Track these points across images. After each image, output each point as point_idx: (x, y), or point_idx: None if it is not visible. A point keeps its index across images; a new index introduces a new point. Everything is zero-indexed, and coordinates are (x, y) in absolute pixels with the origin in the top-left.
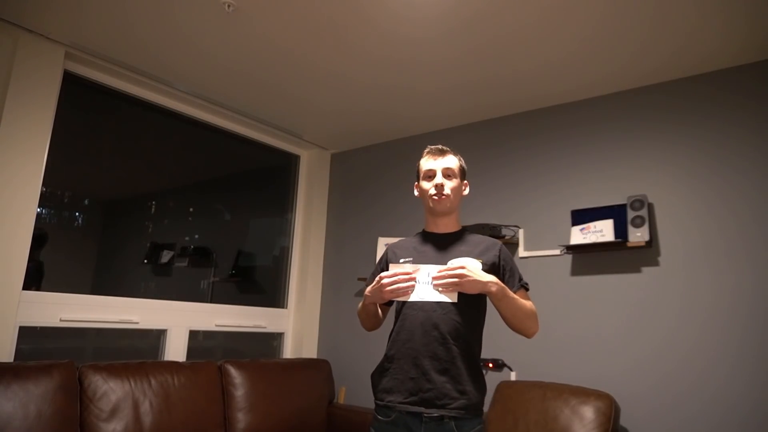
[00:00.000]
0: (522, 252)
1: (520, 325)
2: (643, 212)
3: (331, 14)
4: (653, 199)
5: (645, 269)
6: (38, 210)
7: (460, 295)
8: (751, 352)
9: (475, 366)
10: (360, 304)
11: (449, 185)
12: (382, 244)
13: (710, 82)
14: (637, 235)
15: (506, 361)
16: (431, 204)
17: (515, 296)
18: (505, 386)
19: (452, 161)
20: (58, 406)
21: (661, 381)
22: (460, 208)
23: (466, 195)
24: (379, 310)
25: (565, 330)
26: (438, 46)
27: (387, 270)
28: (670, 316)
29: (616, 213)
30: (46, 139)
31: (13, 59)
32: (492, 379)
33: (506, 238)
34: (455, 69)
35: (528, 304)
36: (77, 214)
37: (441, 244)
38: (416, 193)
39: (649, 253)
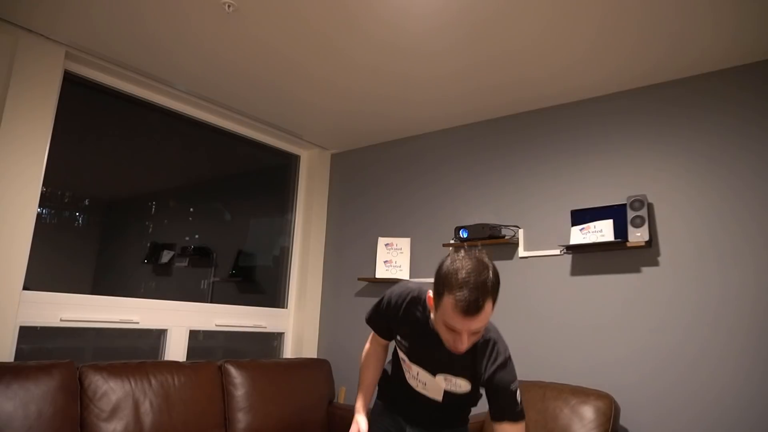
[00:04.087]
0: (522, 252)
1: None
2: (643, 212)
3: (331, 13)
4: (653, 199)
5: (645, 269)
6: (38, 210)
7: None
8: (754, 351)
9: (474, 402)
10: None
11: (474, 339)
12: (382, 244)
13: (710, 82)
14: (637, 235)
15: None
16: (445, 343)
17: None
18: None
19: (487, 313)
20: (58, 406)
21: (662, 380)
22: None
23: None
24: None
25: (565, 330)
26: (439, 42)
27: (384, 317)
28: (670, 316)
29: (616, 213)
30: (46, 139)
31: (13, 59)
32: None
33: (506, 238)
34: (457, 67)
35: None
36: (77, 214)
37: (437, 351)
38: (429, 306)
39: (648, 253)
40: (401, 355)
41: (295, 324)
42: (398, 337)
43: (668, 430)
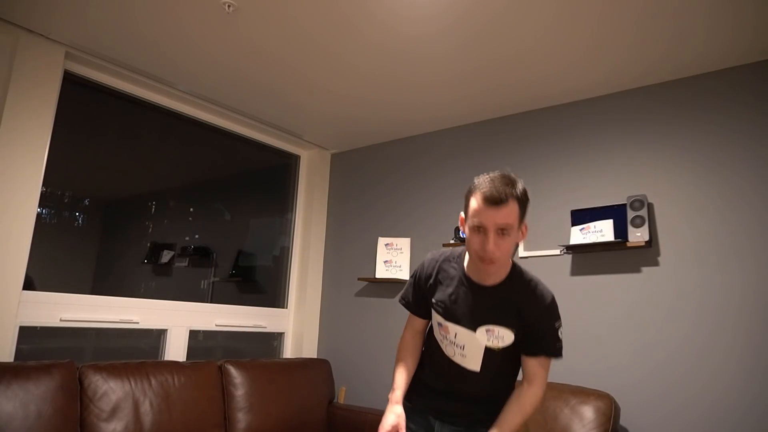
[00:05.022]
0: (522, 252)
1: None
2: (643, 212)
3: (331, 12)
4: (653, 199)
5: (645, 269)
6: (38, 210)
7: (489, 361)
8: (754, 351)
9: (509, 388)
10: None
11: (502, 245)
12: (382, 244)
13: (710, 82)
14: (637, 235)
15: None
16: (476, 262)
17: (518, 422)
18: None
19: (512, 212)
20: (58, 406)
21: (662, 380)
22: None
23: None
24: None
25: (565, 330)
26: (437, 46)
27: (419, 288)
28: (670, 316)
29: (616, 213)
30: (46, 139)
31: (13, 59)
32: None
33: None
34: (456, 68)
35: (531, 406)
36: (77, 214)
37: (476, 302)
38: (461, 229)
39: (648, 253)
40: (438, 320)
41: (295, 324)
42: (434, 301)
43: (669, 429)
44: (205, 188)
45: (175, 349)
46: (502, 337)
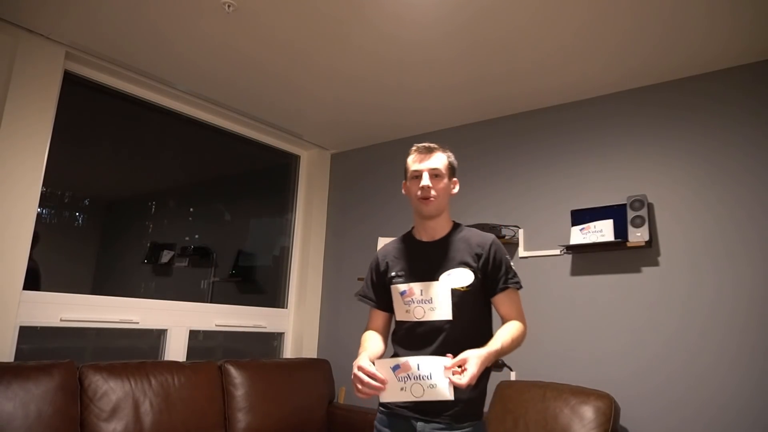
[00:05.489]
0: (522, 252)
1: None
2: (643, 212)
3: (331, 13)
4: (653, 199)
5: (645, 269)
6: (38, 210)
7: (459, 315)
8: (751, 351)
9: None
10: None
11: (436, 187)
12: (382, 244)
13: (710, 82)
14: (637, 235)
15: (506, 361)
16: (418, 207)
17: (508, 341)
18: (504, 386)
19: (440, 160)
20: (58, 406)
21: (661, 381)
22: (450, 206)
23: (456, 193)
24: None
25: (565, 330)
26: (439, 52)
27: (376, 278)
28: (670, 316)
29: (616, 213)
30: (46, 139)
31: (13, 59)
32: (492, 379)
33: (506, 238)
34: (455, 69)
35: (517, 329)
36: (77, 214)
37: (431, 256)
38: (404, 191)
39: (648, 253)
40: (401, 289)
41: (295, 324)
42: (393, 275)
43: (668, 429)
44: (205, 188)
45: (175, 349)
46: (463, 276)
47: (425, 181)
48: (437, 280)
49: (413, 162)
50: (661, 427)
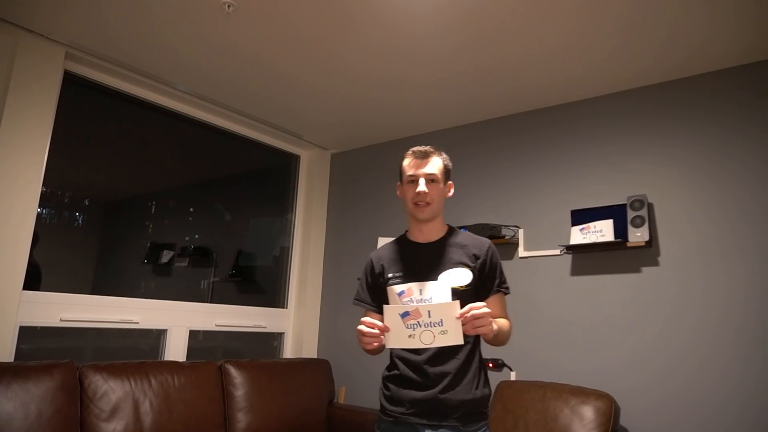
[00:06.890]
0: (522, 252)
1: (496, 345)
2: (643, 212)
3: (331, 12)
4: (653, 199)
5: (645, 269)
6: (38, 210)
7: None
8: (750, 350)
9: (477, 369)
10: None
11: (432, 192)
12: (382, 244)
13: (710, 81)
14: (637, 235)
15: (506, 361)
16: (414, 211)
17: (504, 327)
18: (505, 386)
19: (436, 165)
20: (58, 406)
21: (661, 381)
22: (444, 210)
23: (452, 196)
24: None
25: (565, 330)
26: (438, 45)
27: (371, 279)
28: (670, 316)
29: (616, 213)
30: (46, 139)
31: (13, 59)
32: (492, 379)
33: (506, 238)
34: (455, 61)
35: (505, 324)
36: (77, 214)
37: (429, 257)
38: (398, 194)
39: (648, 253)
40: (399, 290)
41: (295, 324)
42: (390, 276)
43: (668, 429)
44: (205, 188)
45: (175, 349)
46: (463, 275)
47: (422, 187)
48: (436, 279)
49: (409, 167)
50: (662, 427)
